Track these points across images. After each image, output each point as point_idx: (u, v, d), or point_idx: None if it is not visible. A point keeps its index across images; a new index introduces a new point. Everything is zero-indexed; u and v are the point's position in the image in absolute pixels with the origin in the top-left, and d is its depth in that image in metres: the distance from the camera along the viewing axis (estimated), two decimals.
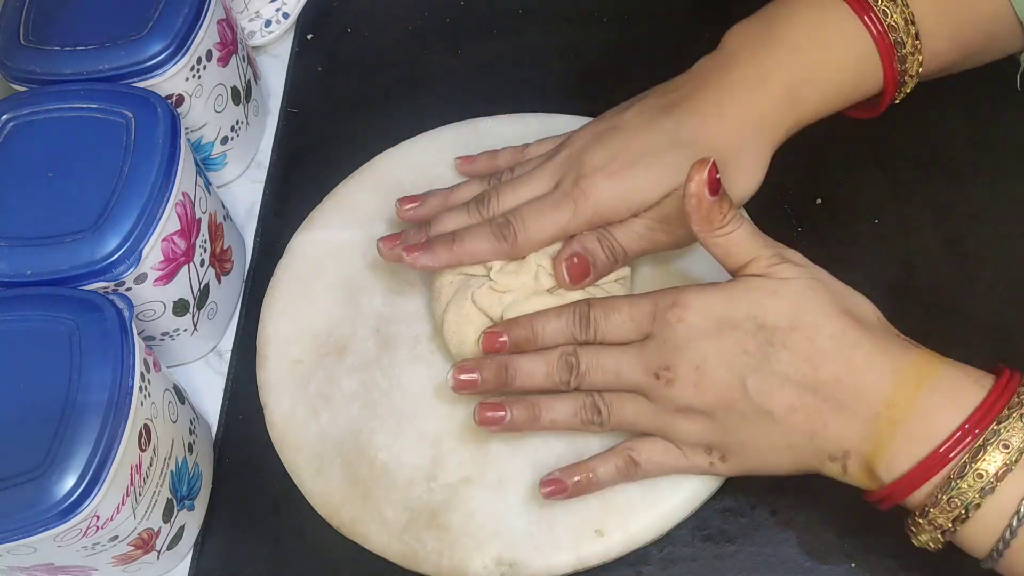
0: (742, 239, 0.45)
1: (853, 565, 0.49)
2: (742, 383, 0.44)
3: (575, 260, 0.50)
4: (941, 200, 0.59)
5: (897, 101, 0.53)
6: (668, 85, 0.54)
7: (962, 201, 0.59)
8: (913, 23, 0.50)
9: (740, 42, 0.52)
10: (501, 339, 0.49)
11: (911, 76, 0.52)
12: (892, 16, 0.50)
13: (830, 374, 0.43)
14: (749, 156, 0.51)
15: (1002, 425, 0.40)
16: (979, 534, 0.41)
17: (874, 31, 0.50)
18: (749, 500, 0.51)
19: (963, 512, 0.40)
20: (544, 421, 0.49)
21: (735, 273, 0.46)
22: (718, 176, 0.44)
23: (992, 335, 0.54)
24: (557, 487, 0.48)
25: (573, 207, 0.50)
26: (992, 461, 0.40)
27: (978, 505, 0.40)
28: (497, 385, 0.49)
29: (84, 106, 0.53)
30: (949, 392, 0.42)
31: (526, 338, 0.49)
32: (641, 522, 0.50)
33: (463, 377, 0.49)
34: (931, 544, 0.43)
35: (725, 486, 0.51)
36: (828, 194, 0.60)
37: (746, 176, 0.51)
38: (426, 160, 0.63)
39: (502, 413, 0.49)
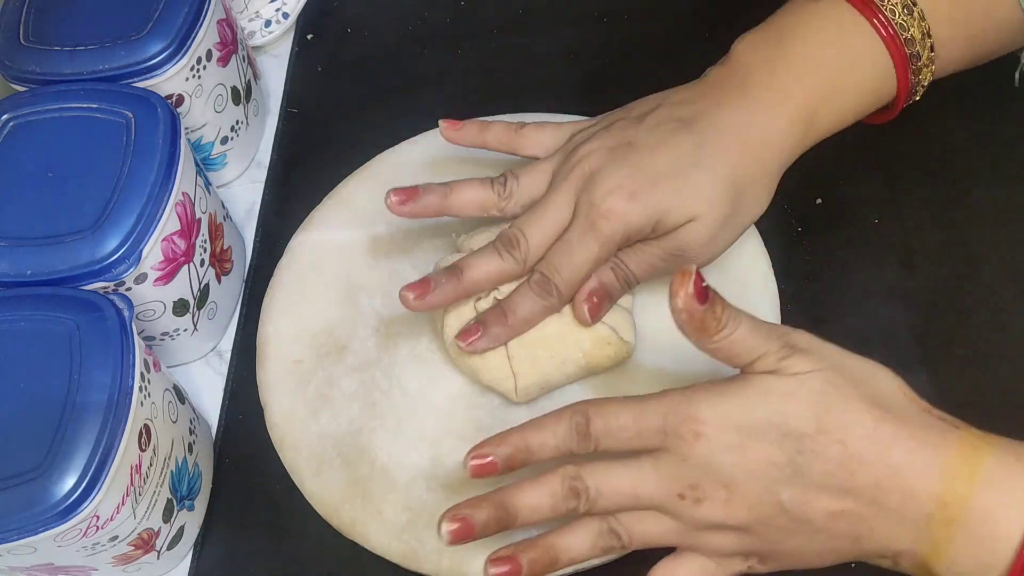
0: (743, 338, 0.41)
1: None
2: (776, 497, 0.40)
3: (595, 300, 0.50)
4: (941, 200, 0.59)
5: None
6: (679, 96, 0.52)
7: (962, 201, 0.59)
8: (929, 35, 0.50)
9: (755, 57, 0.51)
10: (490, 461, 0.44)
11: (923, 86, 0.52)
12: (910, 30, 0.49)
13: (869, 478, 0.39)
14: (766, 181, 0.50)
15: None
16: None
17: (893, 47, 0.49)
18: None
19: None
20: (563, 561, 0.43)
21: (743, 370, 0.42)
22: (705, 284, 0.41)
23: (992, 335, 0.54)
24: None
25: (598, 238, 0.49)
26: None
27: None
28: (500, 529, 0.43)
29: (84, 106, 0.53)
30: (1005, 484, 0.39)
31: (519, 459, 0.44)
32: None
33: (457, 527, 0.42)
34: None
35: None
36: (828, 194, 0.60)
37: (761, 200, 0.50)
38: (426, 160, 0.63)
39: (516, 565, 0.42)
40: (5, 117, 0.54)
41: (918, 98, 0.53)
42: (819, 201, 0.60)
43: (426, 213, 0.53)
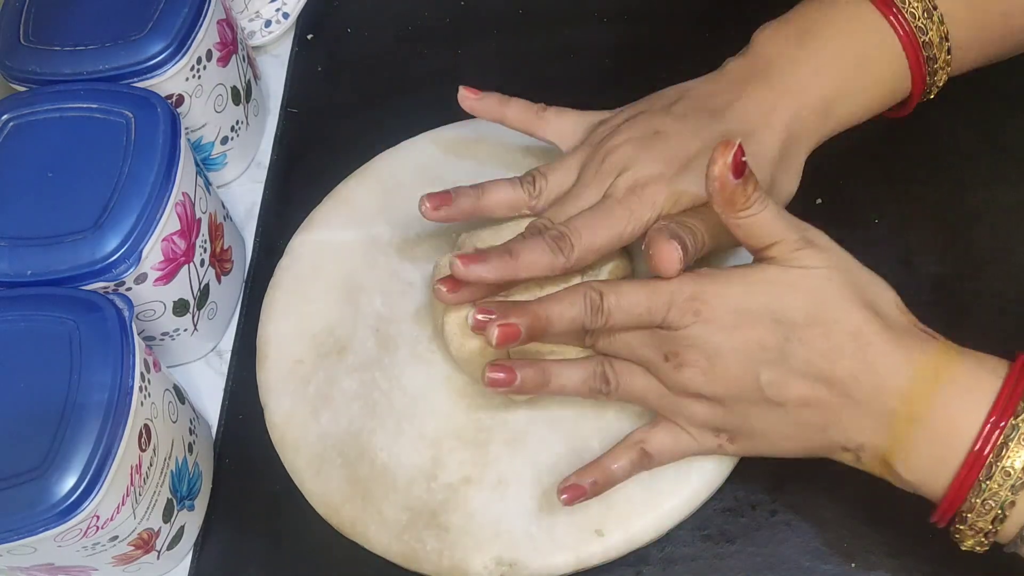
0: (766, 221, 0.44)
1: (853, 565, 0.49)
2: (755, 376, 0.44)
3: (677, 248, 0.46)
4: (941, 200, 0.59)
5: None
6: (703, 88, 0.53)
7: (962, 201, 0.59)
8: (947, 39, 0.50)
9: (776, 48, 0.52)
10: (513, 326, 0.45)
11: (938, 86, 0.53)
12: (929, 33, 0.50)
13: (847, 371, 0.42)
14: (791, 163, 0.51)
15: (1020, 419, 0.40)
16: (1013, 526, 0.41)
17: (911, 49, 0.50)
18: (749, 500, 0.51)
19: (1000, 512, 0.40)
20: (553, 386, 0.48)
21: (757, 254, 0.45)
22: (744, 159, 0.42)
23: (992, 335, 0.54)
24: (575, 492, 0.47)
25: (629, 217, 0.49)
26: (1018, 457, 0.39)
27: (1012, 503, 0.40)
28: (534, 337, 0.46)
29: (84, 106, 0.53)
30: (967, 386, 0.41)
31: (539, 328, 0.46)
32: (641, 522, 0.50)
33: (500, 332, 0.45)
34: (977, 548, 0.43)
35: (725, 486, 0.51)
36: (828, 194, 0.60)
37: (790, 184, 0.52)
38: (426, 160, 0.63)
39: (512, 375, 0.47)
40: (5, 117, 0.54)
41: (932, 96, 0.54)
42: (819, 201, 0.60)
43: (460, 217, 0.53)
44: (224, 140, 0.63)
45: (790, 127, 0.50)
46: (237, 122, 0.64)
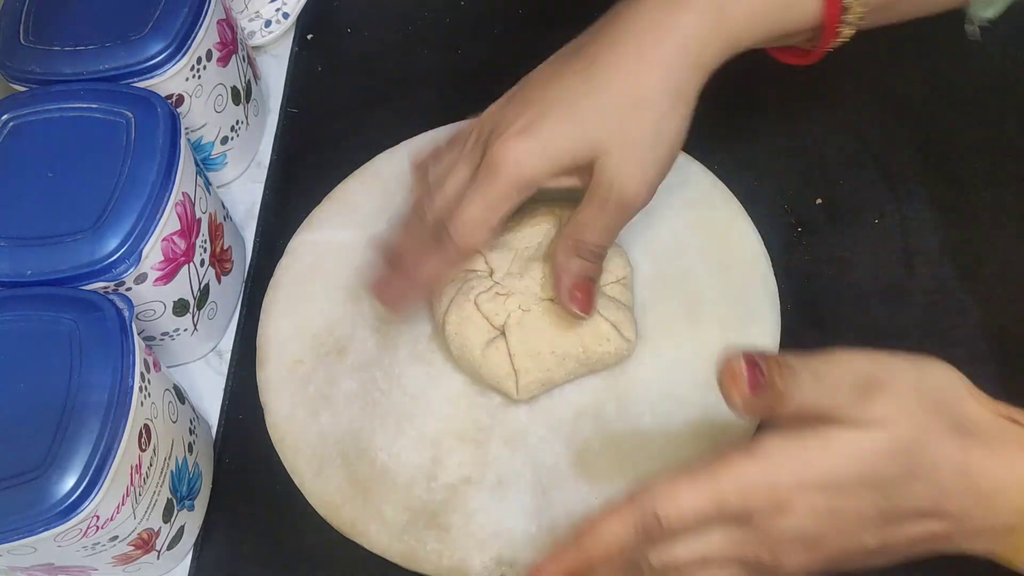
0: (810, 395, 0.38)
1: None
2: (861, 543, 0.39)
3: (577, 294, 0.46)
4: (941, 200, 0.59)
5: (833, 47, 0.47)
6: (585, 33, 0.47)
7: (962, 202, 0.59)
8: None
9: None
10: None
11: (854, 17, 0.46)
12: None
13: (958, 507, 0.38)
14: (677, 90, 0.44)
15: None
16: None
17: None
18: None
19: None
20: None
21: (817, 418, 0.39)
22: (755, 368, 0.38)
23: (992, 335, 0.54)
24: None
25: (493, 180, 0.45)
26: None
27: None
28: None
29: (84, 106, 0.53)
30: None
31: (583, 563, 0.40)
32: None
33: None
34: None
35: None
36: (828, 194, 0.60)
37: (678, 116, 0.45)
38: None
39: None
40: (5, 117, 0.54)
41: (848, 37, 0.47)
42: (819, 201, 0.60)
43: (409, 302, 0.51)
44: (224, 140, 0.63)
45: (666, 43, 0.43)
46: (237, 122, 0.64)
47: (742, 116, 0.63)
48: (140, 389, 0.46)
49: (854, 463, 0.38)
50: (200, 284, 0.56)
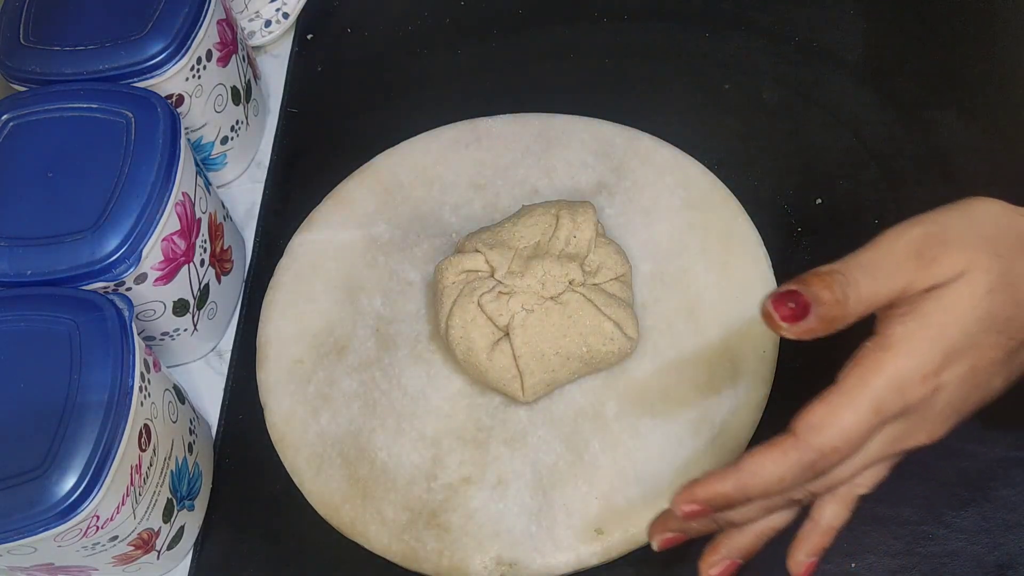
0: (872, 286, 0.38)
1: (853, 565, 0.49)
2: (993, 389, 0.40)
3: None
4: (941, 200, 0.59)
5: None
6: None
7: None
8: None
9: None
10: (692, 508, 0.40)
11: None
12: None
13: None
14: None
15: None
16: None
17: None
18: None
19: None
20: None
21: (895, 306, 0.38)
22: (791, 304, 0.37)
23: None
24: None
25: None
26: None
27: None
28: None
29: (84, 106, 0.53)
30: None
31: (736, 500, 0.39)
32: (641, 522, 0.50)
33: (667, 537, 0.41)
34: None
35: None
36: (828, 194, 0.60)
37: None
38: (426, 160, 0.63)
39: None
40: (5, 117, 0.54)
41: None
42: (819, 201, 0.60)
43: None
44: (224, 140, 0.63)
45: None
46: (237, 122, 0.64)
47: (742, 116, 0.64)
48: (140, 389, 0.46)
49: (973, 314, 0.38)
50: (200, 284, 0.56)
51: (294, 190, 0.65)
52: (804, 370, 0.54)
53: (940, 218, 0.40)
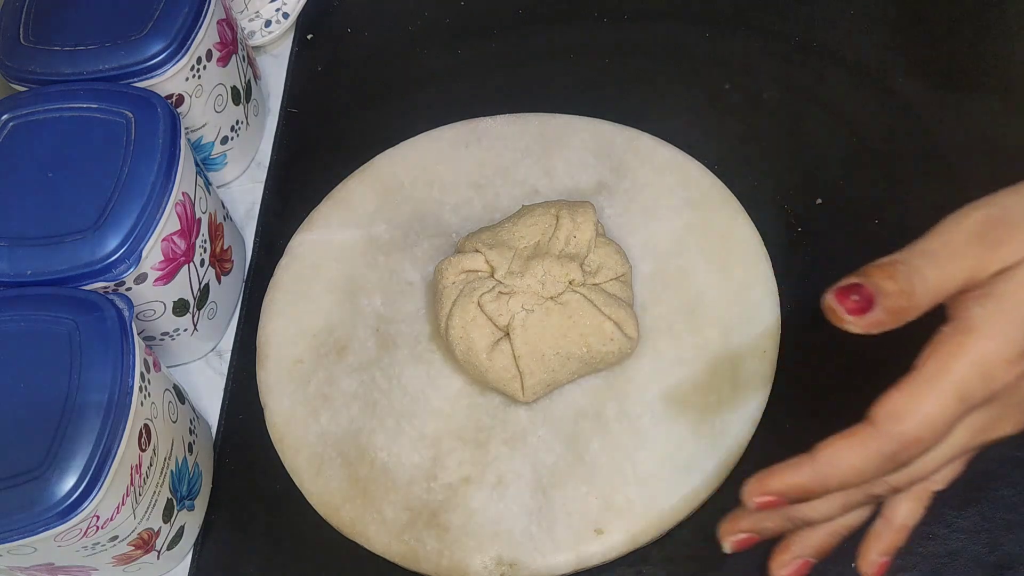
0: (938, 274, 0.36)
1: (853, 565, 0.48)
2: None
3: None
4: (941, 200, 0.59)
5: None
6: None
7: (962, 202, 0.59)
8: None
9: None
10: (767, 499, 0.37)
11: None
12: None
13: None
14: None
15: None
16: None
17: None
18: None
19: None
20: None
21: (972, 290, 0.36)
22: (854, 296, 0.36)
23: None
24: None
25: None
26: None
27: None
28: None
29: (84, 106, 0.53)
30: None
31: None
32: (641, 522, 0.50)
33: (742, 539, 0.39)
34: None
35: (725, 486, 0.51)
36: (828, 194, 0.60)
37: None
38: (426, 160, 0.63)
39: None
40: (5, 117, 0.54)
41: None
42: (819, 201, 0.60)
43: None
44: (224, 140, 0.63)
45: None
46: (237, 122, 0.64)
47: (742, 116, 0.64)
48: (140, 389, 0.46)
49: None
50: (200, 284, 0.56)
51: (294, 190, 0.65)
52: (805, 370, 0.54)
53: (1001, 200, 0.38)
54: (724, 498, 0.51)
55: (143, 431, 0.46)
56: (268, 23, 0.71)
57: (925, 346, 0.36)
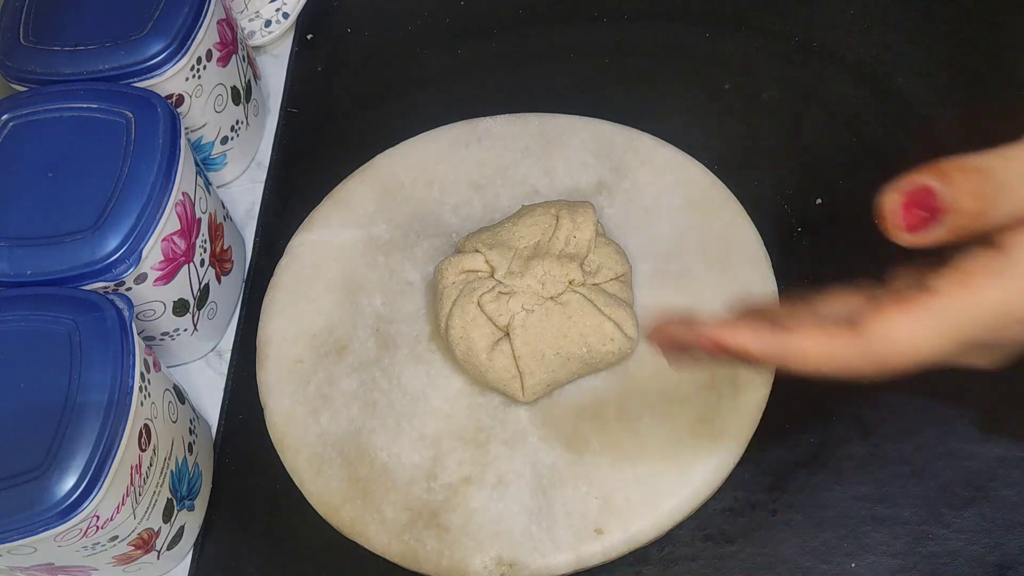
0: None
1: (853, 565, 0.49)
2: None
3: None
4: None
5: None
6: None
7: None
8: None
9: None
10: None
11: None
12: None
13: None
14: None
15: None
16: None
17: None
18: (749, 500, 0.51)
19: None
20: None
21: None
22: (924, 192, 0.32)
23: None
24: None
25: None
26: None
27: None
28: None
29: (84, 106, 0.53)
30: None
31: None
32: (641, 522, 0.50)
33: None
34: None
35: (725, 486, 0.51)
36: (828, 194, 0.60)
37: None
38: (426, 160, 0.63)
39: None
40: (5, 117, 0.54)
41: None
42: (819, 201, 0.60)
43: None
44: (224, 140, 0.63)
45: None
46: (237, 122, 0.64)
47: (742, 116, 0.64)
48: (140, 389, 0.46)
49: None
50: (200, 284, 0.56)
51: (294, 190, 0.65)
52: None
53: None
54: (724, 498, 0.51)
55: (143, 431, 0.46)
56: (268, 23, 0.71)
57: (951, 261, 0.32)
